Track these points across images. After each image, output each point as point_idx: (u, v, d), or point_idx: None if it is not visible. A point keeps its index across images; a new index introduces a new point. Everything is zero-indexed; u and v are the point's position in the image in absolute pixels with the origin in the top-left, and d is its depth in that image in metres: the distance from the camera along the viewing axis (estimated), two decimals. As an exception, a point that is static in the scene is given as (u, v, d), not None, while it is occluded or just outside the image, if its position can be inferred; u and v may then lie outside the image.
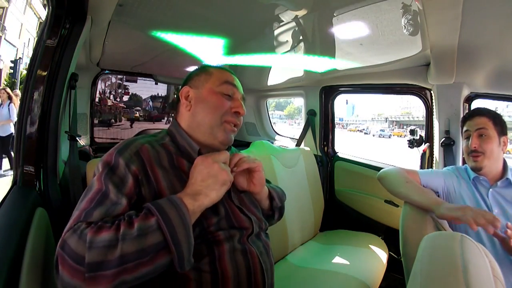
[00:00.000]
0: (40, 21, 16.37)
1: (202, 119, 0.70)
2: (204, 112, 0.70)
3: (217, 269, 0.60)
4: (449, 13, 0.88)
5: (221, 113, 0.70)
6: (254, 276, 0.64)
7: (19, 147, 0.83)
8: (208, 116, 0.70)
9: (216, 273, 0.60)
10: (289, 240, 1.46)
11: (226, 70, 0.78)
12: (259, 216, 0.76)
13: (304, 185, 1.70)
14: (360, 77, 1.75)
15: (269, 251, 0.73)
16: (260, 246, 0.70)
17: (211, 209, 0.63)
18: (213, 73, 0.74)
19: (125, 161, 0.60)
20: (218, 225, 0.64)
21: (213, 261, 0.60)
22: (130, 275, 0.48)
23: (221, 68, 0.78)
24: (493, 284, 0.43)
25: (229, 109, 0.71)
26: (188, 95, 0.73)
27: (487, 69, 1.24)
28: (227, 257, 0.62)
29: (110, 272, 0.46)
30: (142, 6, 1.04)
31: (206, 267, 0.60)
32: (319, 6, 1.05)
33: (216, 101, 0.70)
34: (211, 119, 0.70)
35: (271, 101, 2.69)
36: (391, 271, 1.53)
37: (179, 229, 0.52)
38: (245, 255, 0.64)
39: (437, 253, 0.51)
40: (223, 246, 0.62)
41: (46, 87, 0.85)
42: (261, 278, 0.65)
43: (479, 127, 1.04)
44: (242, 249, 0.65)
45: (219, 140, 0.70)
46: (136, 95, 2.90)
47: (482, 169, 1.04)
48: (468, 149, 1.06)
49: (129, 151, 0.62)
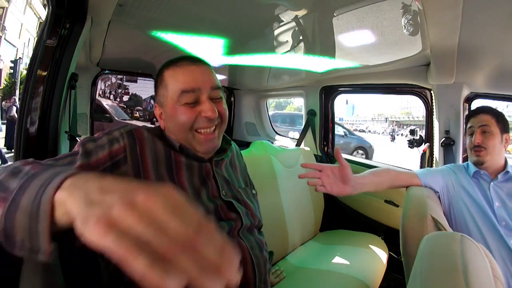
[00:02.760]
0: (40, 21, 16.37)
1: (176, 136, 0.67)
2: (175, 129, 0.67)
3: None
4: (449, 13, 0.88)
5: (189, 126, 0.64)
6: (245, 270, 0.63)
7: (19, 147, 0.83)
8: (180, 133, 0.66)
9: None
10: (289, 240, 1.46)
11: (182, 66, 0.66)
12: (253, 212, 0.75)
13: (304, 185, 1.70)
14: (360, 77, 1.75)
15: (263, 247, 0.72)
16: (252, 241, 0.69)
17: (195, 198, 0.63)
18: (168, 84, 0.66)
19: (110, 138, 0.60)
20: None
21: None
22: None
23: (175, 69, 0.67)
24: (493, 284, 0.43)
25: (198, 115, 0.64)
26: (160, 113, 0.70)
27: (487, 69, 1.24)
28: None
29: None
30: (142, 6, 1.04)
31: None
32: (319, 6, 1.05)
33: (180, 116, 0.64)
34: (183, 135, 0.66)
35: (271, 101, 2.70)
36: (391, 271, 1.53)
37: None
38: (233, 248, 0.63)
39: (437, 253, 0.51)
40: None
41: (46, 87, 0.86)
42: (252, 272, 0.65)
43: (482, 124, 1.07)
44: (231, 241, 0.63)
45: (200, 151, 0.67)
46: (136, 95, 2.91)
47: (484, 164, 1.06)
48: (472, 144, 1.08)
49: (121, 130, 0.62)
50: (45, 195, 0.34)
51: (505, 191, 1.03)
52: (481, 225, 1.00)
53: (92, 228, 0.25)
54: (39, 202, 0.34)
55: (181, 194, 0.29)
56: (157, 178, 0.62)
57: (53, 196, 0.33)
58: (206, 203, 0.65)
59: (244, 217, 0.70)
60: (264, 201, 1.23)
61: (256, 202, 0.81)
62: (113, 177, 0.32)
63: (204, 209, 0.64)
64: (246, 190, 0.78)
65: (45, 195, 0.34)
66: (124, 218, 0.25)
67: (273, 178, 1.48)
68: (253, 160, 1.42)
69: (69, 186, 0.33)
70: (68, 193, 0.32)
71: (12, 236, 0.34)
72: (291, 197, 1.54)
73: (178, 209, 0.27)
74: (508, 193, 1.02)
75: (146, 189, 0.28)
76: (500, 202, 1.01)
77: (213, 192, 0.68)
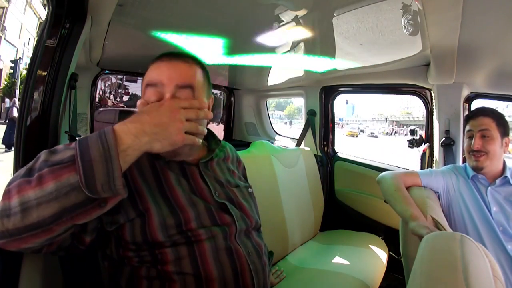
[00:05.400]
0: (40, 21, 16.36)
1: None
2: None
3: (200, 270, 0.58)
4: (449, 13, 0.88)
5: None
6: (242, 277, 0.62)
7: (19, 147, 0.83)
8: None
9: (199, 275, 0.58)
10: (289, 240, 1.46)
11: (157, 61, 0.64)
12: (250, 213, 0.72)
13: (304, 185, 1.70)
14: (360, 77, 1.75)
15: (262, 252, 0.70)
16: (249, 246, 0.67)
17: (188, 201, 0.62)
18: (143, 79, 0.64)
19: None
20: (200, 222, 0.61)
21: (195, 262, 0.59)
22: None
23: (152, 64, 0.64)
24: (493, 284, 0.43)
25: None
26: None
27: (487, 69, 1.24)
28: (210, 257, 0.60)
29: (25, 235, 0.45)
30: (142, 6, 1.04)
31: (188, 269, 0.58)
32: (319, 6, 1.05)
33: None
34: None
35: (271, 101, 2.69)
36: (391, 271, 1.53)
37: (93, 149, 0.45)
38: (230, 254, 0.62)
39: (437, 253, 0.51)
40: (204, 246, 0.60)
41: (46, 87, 0.85)
42: (250, 279, 0.63)
43: (482, 128, 1.04)
44: (227, 248, 0.62)
45: (167, 156, 0.64)
46: (136, 95, 2.91)
47: (483, 169, 1.04)
48: (470, 148, 1.06)
49: None
50: (108, 136, 0.46)
51: (502, 195, 1.01)
52: (480, 228, 0.99)
53: (173, 133, 0.50)
54: (107, 144, 0.45)
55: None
56: (148, 189, 0.61)
57: (114, 133, 0.47)
58: (199, 205, 0.64)
59: (238, 220, 0.67)
60: (264, 201, 1.23)
61: (252, 201, 0.78)
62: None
63: (197, 212, 0.62)
64: (241, 189, 0.75)
65: (108, 135, 0.46)
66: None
67: (273, 178, 1.48)
68: (253, 160, 1.42)
69: (120, 126, 0.48)
70: (126, 128, 0.48)
71: (95, 186, 0.44)
72: (291, 197, 1.54)
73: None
74: (505, 198, 1.00)
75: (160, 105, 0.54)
76: (498, 207, 1.00)
77: (205, 195, 0.66)
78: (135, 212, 0.59)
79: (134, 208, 0.59)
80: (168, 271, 0.58)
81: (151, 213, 0.59)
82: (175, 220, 0.60)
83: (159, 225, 0.58)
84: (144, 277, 0.59)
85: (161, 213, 0.60)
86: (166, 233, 0.58)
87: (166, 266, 0.58)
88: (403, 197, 1.04)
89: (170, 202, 0.61)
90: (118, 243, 0.60)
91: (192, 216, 0.61)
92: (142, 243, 0.58)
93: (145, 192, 0.61)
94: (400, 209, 1.00)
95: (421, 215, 0.94)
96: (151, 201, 0.60)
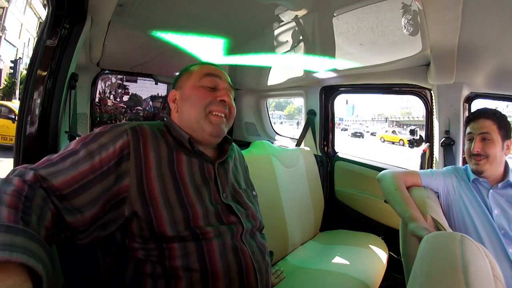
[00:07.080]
0: (40, 21, 16.38)
1: (188, 115, 0.71)
2: (189, 108, 0.71)
3: (207, 267, 0.59)
4: (449, 13, 0.88)
5: (204, 105, 0.70)
6: (246, 275, 0.63)
7: (19, 147, 0.83)
8: (192, 110, 0.70)
9: (206, 271, 0.59)
10: (289, 240, 1.46)
11: (209, 63, 0.78)
12: (254, 214, 0.75)
13: (304, 185, 1.70)
14: (360, 77, 1.75)
15: (265, 252, 0.72)
16: (254, 245, 0.69)
17: (198, 198, 0.63)
18: (194, 71, 0.75)
19: (113, 135, 0.60)
20: (207, 220, 0.63)
21: (203, 259, 0.60)
22: None
23: (203, 63, 0.79)
24: (493, 284, 0.43)
25: (213, 99, 0.71)
26: (174, 98, 0.74)
27: (487, 69, 1.24)
28: (218, 254, 0.61)
29: None
30: (142, 6, 1.04)
31: (195, 265, 0.59)
32: (319, 6, 1.05)
33: (197, 95, 0.71)
34: (195, 112, 0.70)
35: (271, 101, 2.69)
36: (391, 271, 1.53)
37: None
38: (236, 253, 0.64)
39: (437, 253, 0.51)
40: (212, 243, 0.61)
41: (46, 87, 0.86)
42: (254, 277, 0.64)
43: (483, 131, 1.01)
44: (233, 246, 0.64)
45: (207, 132, 0.70)
46: (136, 95, 2.90)
47: (484, 173, 1.03)
48: (470, 151, 1.04)
49: (125, 126, 0.63)
50: None
51: (504, 198, 1.00)
52: (481, 231, 0.98)
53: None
54: None
55: None
56: (158, 175, 0.62)
57: None
58: (207, 205, 0.65)
59: (244, 220, 0.69)
60: (264, 201, 1.23)
61: (256, 204, 0.81)
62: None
63: (205, 210, 0.64)
64: (247, 192, 0.78)
65: None
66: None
67: (273, 178, 1.48)
68: (253, 160, 1.42)
69: None
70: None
71: None
72: (291, 197, 1.54)
73: None
74: (507, 200, 0.99)
75: None
76: (499, 210, 0.99)
77: (214, 195, 0.68)
78: (141, 205, 0.59)
79: (142, 201, 0.59)
80: (175, 266, 0.58)
81: (159, 207, 0.59)
82: (184, 215, 0.60)
83: (167, 218, 0.59)
84: (148, 274, 0.59)
85: (170, 206, 0.60)
86: (174, 228, 0.59)
87: (173, 261, 0.58)
88: (403, 197, 1.03)
89: (182, 197, 0.62)
90: (124, 234, 0.61)
91: (200, 214, 0.62)
92: (150, 236, 0.59)
93: (155, 183, 0.61)
94: (400, 210, 1.00)
95: (421, 217, 0.93)
96: (160, 194, 0.61)
